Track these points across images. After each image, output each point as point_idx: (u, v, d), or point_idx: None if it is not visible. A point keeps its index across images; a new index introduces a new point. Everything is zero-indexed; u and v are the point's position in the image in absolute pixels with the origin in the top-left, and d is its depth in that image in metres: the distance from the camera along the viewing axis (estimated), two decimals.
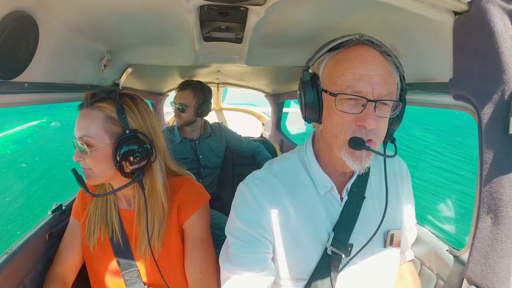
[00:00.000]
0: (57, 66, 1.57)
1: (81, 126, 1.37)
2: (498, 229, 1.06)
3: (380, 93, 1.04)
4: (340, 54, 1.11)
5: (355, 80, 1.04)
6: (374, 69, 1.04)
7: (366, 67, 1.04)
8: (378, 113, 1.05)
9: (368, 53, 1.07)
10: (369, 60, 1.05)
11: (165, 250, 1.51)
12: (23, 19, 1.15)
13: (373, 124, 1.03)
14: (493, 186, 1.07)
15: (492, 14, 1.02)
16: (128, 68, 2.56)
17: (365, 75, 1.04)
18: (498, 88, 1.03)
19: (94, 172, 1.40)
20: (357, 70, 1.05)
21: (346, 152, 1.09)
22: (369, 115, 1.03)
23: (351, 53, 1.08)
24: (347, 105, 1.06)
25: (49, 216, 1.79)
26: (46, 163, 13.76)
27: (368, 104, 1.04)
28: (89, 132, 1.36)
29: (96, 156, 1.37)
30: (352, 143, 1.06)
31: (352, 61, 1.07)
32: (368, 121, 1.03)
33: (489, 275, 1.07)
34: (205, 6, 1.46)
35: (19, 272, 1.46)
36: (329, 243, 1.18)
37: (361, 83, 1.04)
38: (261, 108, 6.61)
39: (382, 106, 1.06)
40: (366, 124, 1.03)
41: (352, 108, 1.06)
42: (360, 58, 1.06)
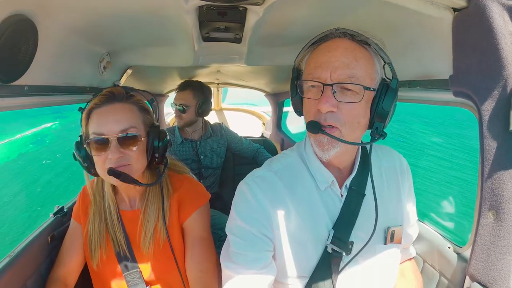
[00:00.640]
0: (57, 68, 1.57)
1: (123, 119, 1.38)
2: (500, 225, 1.06)
3: (339, 77, 1.05)
4: (316, 48, 1.15)
5: (316, 68, 1.09)
6: (334, 55, 1.07)
7: (327, 55, 1.08)
8: (340, 97, 1.06)
9: (334, 42, 1.10)
10: (331, 49, 1.09)
11: (167, 247, 1.51)
12: (22, 22, 1.15)
13: (325, 107, 1.05)
14: (494, 182, 1.07)
15: (491, 10, 1.02)
16: (128, 70, 2.55)
17: (325, 62, 1.07)
18: (498, 84, 1.02)
19: (133, 167, 1.39)
20: (319, 58, 1.09)
21: (312, 138, 1.14)
22: (323, 98, 1.06)
23: (322, 46, 1.12)
24: (311, 92, 1.11)
25: (51, 218, 1.79)
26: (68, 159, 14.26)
27: (326, 88, 1.06)
28: (133, 123, 1.39)
29: (140, 148, 1.40)
30: (308, 126, 1.10)
31: (318, 52, 1.12)
32: (320, 104, 1.05)
33: (491, 272, 1.07)
34: (204, 7, 1.46)
35: (22, 275, 1.46)
36: (329, 241, 1.18)
37: (320, 69, 1.07)
38: (261, 107, 6.60)
39: (345, 91, 1.07)
40: (320, 107, 1.06)
41: (315, 94, 1.10)
42: (325, 48, 1.10)
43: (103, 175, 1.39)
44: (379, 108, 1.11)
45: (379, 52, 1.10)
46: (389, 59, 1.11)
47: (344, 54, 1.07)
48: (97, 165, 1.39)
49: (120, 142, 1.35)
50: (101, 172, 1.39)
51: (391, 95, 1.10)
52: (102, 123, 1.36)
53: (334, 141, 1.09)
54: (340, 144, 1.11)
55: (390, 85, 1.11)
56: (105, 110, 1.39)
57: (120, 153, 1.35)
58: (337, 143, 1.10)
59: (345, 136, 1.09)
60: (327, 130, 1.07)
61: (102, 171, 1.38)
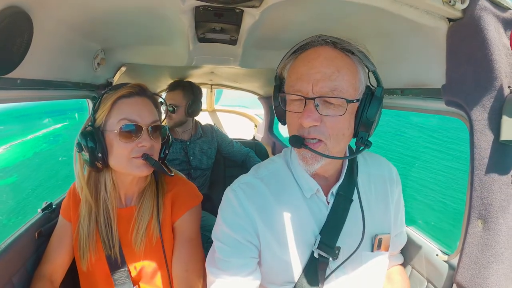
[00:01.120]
0: (51, 63, 1.56)
1: (150, 112, 1.44)
2: (488, 234, 1.07)
3: (321, 90, 1.03)
4: (298, 57, 1.13)
5: (297, 80, 1.07)
6: (315, 66, 1.05)
7: (307, 65, 1.06)
8: (323, 111, 1.05)
9: (315, 52, 1.09)
10: (311, 59, 1.07)
11: (158, 246, 1.50)
12: (18, 15, 1.14)
13: (308, 122, 1.04)
14: (483, 191, 1.08)
15: (486, 21, 1.03)
16: (122, 67, 2.54)
17: (305, 74, 1.06)
18: (490, 94, 1.04)
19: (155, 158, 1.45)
20: (300, 69, 1.08)
21: (295, 151, 1.14)
22: (305, 112, 1.04)
23: (303, 55, 1.11)
24: (294, 105, 1.10)
25: (38, 214, 1.77)
26: None
27: (308, 102, 1.04)
28: (158, 117, 1.47)
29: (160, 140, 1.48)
30: (292, 140, 1.09)
31: (298, 62, 1.10)
32: (302, 118, 1.04)
33: (478, 280, 1.08)
34: (201, 7, 1.45)
35: (8, 271, 1.44)
36: (315, 246, 1.18)
37: (300, 82, 1.06)
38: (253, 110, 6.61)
39: (328, 104, 1.05)
40: (302, 122, 1.05)
41: (298, 107, 1.09)
42: (305, 58, 1.09)
43: (125, 163, 1.40)
44: (364, 117, 1.10)
45: (363, 60, 1.08)
46: (373, 66, 1.09)
47: (325, 64, 1.05)
48: (121, 153, 1.39)
49: (151, 131, 1.41)
50: (122, 160, 1.40)
51: (375, 104, 1.09)
52: (135, 112, 1.40)
53: (318, 155, 1.08)
54: (324, 158, 1.10)
55: (375, 94, 1.10)
56: (138, 100, 1.44)
57: (152, 144, 1.41)
58: (321, 157, 1.10)
59: (330, 149, 1.09)
60: (311, 145, 1.07)
61: (125, 159, 1.40)
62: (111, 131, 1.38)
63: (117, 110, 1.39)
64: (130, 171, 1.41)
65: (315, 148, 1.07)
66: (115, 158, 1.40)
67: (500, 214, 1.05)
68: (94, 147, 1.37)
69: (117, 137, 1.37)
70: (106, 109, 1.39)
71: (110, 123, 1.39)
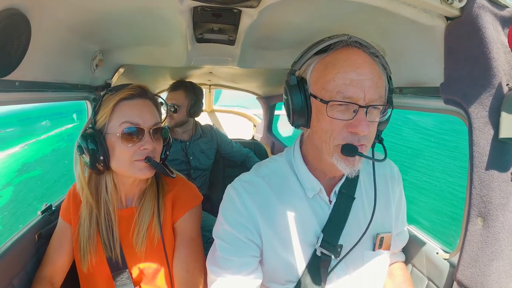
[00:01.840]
0: (49, 65, 1.56)
1: (151, 114, 1.44)
2: (487, 232, 1.07)
3: (371, 98, 1.02)
4: (329, 57, 1.08)
5: (346, 86, 1.01)
6: (365, 73, 1.02)
7: (356, 71, 1.02)
8: (369, 117, 1.03)
9: (357, 56, 1.05)
10: (359, 64, 1.03)
11: (159, 246, 1.50)
12: (15, 17, 1.14)
13: (366, 131, 1.01)
14: (483, 189, 1.08)
15: (483, 20, 1.03)
16: (120, 68, 2.54)
17: (356, 80, 1.01)
18: (489, 92, 1.04)
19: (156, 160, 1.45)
20: (348, 74, 1.02)
21: (338, 157, 1.07)
22: (362, 121, 1.01)
23: (340, 56, 1.06)
24: (337, 111, 1.04)
25: (38, 216, 1.77)
26: None
27: (360, 110, 1.02)
28: (159, 119, 1.47)
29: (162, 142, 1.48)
30: (344, 150, 1.04)
31: (342, 65, 1.04)
32: (360, 127, 1.01)
33: (479, 278, 1.08)
34: (198, 8, 1.45)
35: (8, 273, 1.44)
36: (318, 244, 1.18)
37: (353, 88, 1.01)
38: (252, 110, 6.61)
39: (372, 110, 1.05)
40: (359, 131, 1.01)
41: (343, 114, 1.04)
42: (350, 61, 1.04)
43: (127, 166, 1.40)
44: (382, 117, 1.11)
45: (386, 65, 1.10)
46: (390, 70, 1.11)
47: (372, 71, 1.03)
48: (123, 156, 1.39)
49: (153, 134, 1.41)
50: (125, 163, 1.40)
51: (392, 106, 1.12)
52: (137, 114, 1.40)
53: (362, 158, 1.07)
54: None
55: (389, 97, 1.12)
56: (140, 102, 1.43)
57: (154, 146, 1.41)
58: (362, 159, 1.08)
59: (367, 150, 1.10)
60: (361, 150, 1.06)
61: (127, 162, 1.39)
62: (113, 134, 1.37)
63: (119, 113, 1.38)
64: (132, 173, 1.41)
65: (362, 152, 1.06)
66: (117, 161, 1.40)
67: (500, 212, 1.05)
68: (96, 150, 1.36)
69: (119, 140, 1.36)
70: (107, 111, 1.38)
71: (111, 125, 1.38)
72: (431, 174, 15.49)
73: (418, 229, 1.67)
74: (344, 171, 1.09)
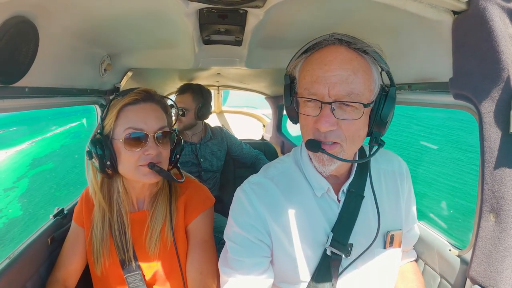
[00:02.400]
0: (58, 70, 1.58)
1: (160, 117, 1.44)
2: (500, 227, 1.05)
3: (338, 94, 1.01)
4: (310, 57, 1.10)
5: (312, 83, 1.04)
6: (332, 69, 1.02)
7: (323, 68, 1.03)
8: (339, 115, 1.03)
9: (330, 53, 1.05)
10: (328, 61, 1.04)
11: (172, 249, 1.51)
12: (23, 24, 1.16)
13: (325, 127, 1.02)
14: (495, 184, 1.07)
15: (491, 13, 1.02)
16: (128, 72, 2.56)
17: (321, 77, 1.03)
18: (498, 86, 1.03)
19: (163, 166, 1.44)
20: (315, 72, 1.05)
21: (310, 153, 1.13)
22: (322, 117, 1.03)
23: (318, 55, 1.08)
24: (308, 107, 1.07)
25: (51, 220, 1.79)
26: None
27: (324, 106, 1.03)
28: (166, 123, 1.45)
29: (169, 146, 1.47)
30: (308, 145, 1.07)
31: (313, 63, 1.07)
32: (319, 123, 1.03)
33: (492, 274, 1.07)
34: (204, 9, 1.46)
35: (21, 277, 1.46)
36: (328, 243, 1.18)
37: (317, 85, 1.03)
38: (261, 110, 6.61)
39: (344, 107, 1.04)
40: (319, 127, 1.03)
41: (312, 110, 1.06)
42: (321, 59, 1.05)
43: (132, 171, 1.41)
44: (378, 118, 1.09)
45: (378, 60, 1.07)
46: (387, 66, 1.08)
47: (342, 66, 1.02)
48: (128, 161, 1.40)
49: (158, 139, 1.40)
50: (130, 168, 1.41)
51: (389, 104, 1.08)
52: (141, 119, 1.40)
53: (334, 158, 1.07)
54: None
55: (389, 94, 1.08)
56: (145, 107, 1.43)
57: (158, 151, 1.40)
58: (334, 159, 1.09)
59: (346, 150, 1.08)
60: (327, 147, 1.06)
61: (132, 167, 1.40)
62: (118, 140, 1.38)
63: (123, 118, 1.40)
64: (138, 178, 1.42)
65: (331, 151, 1.06)
66: (123, 166, 1.41)
67: None
68: (103, 155, 1.38)
69: (123, 146, 1.37)
70: (112, 117, 1.40)
71: (117, 131, 1.40)
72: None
73: (430, 226, 1.65)
74: (319, 169, 1.14)
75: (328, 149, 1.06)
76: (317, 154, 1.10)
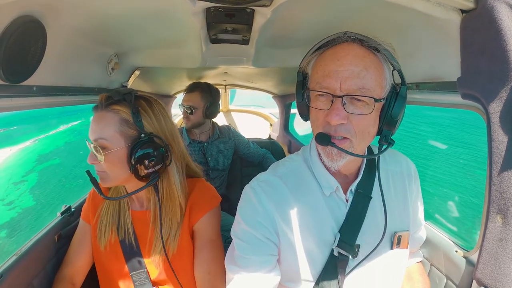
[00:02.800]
0: (65, 69, 1.59)
1: (96, 129, 1.37)
2: (508, 229, 1.04)
3: (349, 88, 1.02)
4: (323, 54, 1.11)
5: (324, 77, 1.05)
6: (344, 64, 1.03)
7: (335, 63, 1.04)
8: (350, 109, 1.03)
9: (343, 49, 1.06)
10: (341, 56, 1.04)
11: (178, 251, 1.51)
12: (31, 23, 1.17)
13: (336, 120, 1.02)
14: (502, 186, 1.06)
15: (499, 11, 1.01)
16: (135, 71, 2.57)
17: (334, 71, 1.03)
18: (507, 86, 1.02)
19: (108, 175, 1.41)
20: (327, 66, 1.05)
21: (320, 148, 1.12)
22: (333, 110, 1.03)
23: (331, 51, 1.08)
24: (319, 101, 1.07)
25: (58, 218, 1.80)
26: None
27: (336, 100, 1.03)
28: (104, 134, 1.36)
29: (110, 159, 1.37)
30: (318, 138, 1.07)
31: (326, 58, 1.08)
32: (330, 116, 1.03)
33: (499, 276, 1.06)
34: (212, 8, 1.46)
35: (28, 273, 1.47)
36: (335, 244, 1.17)
37: (328, 79, 1.04)
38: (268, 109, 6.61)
39: (355, 102, 1.04)
40: (329, 120, 1.03)
41: (324, 104, 1.06)
42: (334, 55, 1.06)
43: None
44: (388, 116, 1.09)
45: (389, 58, 1.07)
46: (399, 65, 1.08)
47: (354, 62, 1.03)
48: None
49: (93, 149, 1.37)
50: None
51: (400, 103, 1.08)
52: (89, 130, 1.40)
53: (344, 152, 1.07)
54: (348, 155, 1.09)
55: (400, 93, 1.08)
56: (94, 116, 1.41)
57: (94, 160, 1.39)
58: (346, 154, 1.08)
59: (355, 146, 1.08)
60: (337, 142, 1.06)
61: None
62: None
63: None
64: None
65: (341, 145, 1.06)
66: None
67: None
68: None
69: None
70: None
71: None
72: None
73: (437, 227, 1.64)
74: (327, 164, 1.14)
75: (338, 144, 1.06)
76: (326, 148, 1.09)
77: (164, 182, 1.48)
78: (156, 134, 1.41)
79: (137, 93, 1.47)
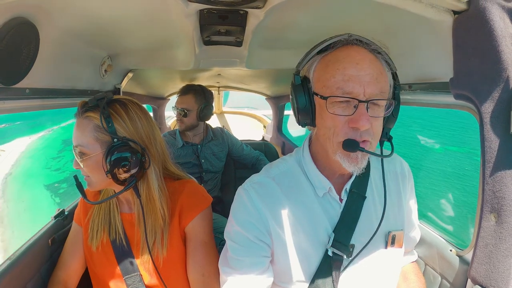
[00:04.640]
0: (58, 71, 1.58)
1: (75, 136, 1.39)
2: (501, 228, 1.05)
3: (372, 92, 1.02)
4: (330, 56, 1.09)
5: (345, 81, 1.03)
6: (364, 68, 1.03)
7: (356, 67, 1.03)
8: (371, 113, 1.03)
9: (357, 52, 1.06)
10: (359, 60, 1.04)
11: (168, 255, 1.49)
12: (24, 26, 1.16)
13: (366, 125, 1.02)
14: (495, 185, 1.06)
15: (491, 12, 1.02)
16: (129, 73, 2.56)
17: (355, 76, 1.02)
18: (499, 86, 1.03)
19: (91, 180, 1.41)
20: (347, 70, 1.03)
21: (341, 154, 1.08)
22: (362, 116, 1.02)
23: (340, 54, 1.07)
24: (338, 107, 1.05)
25: (51, 221, 1.79)
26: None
27: (360, 105, 1.02)
28: (82, 141, 1.36)
29: (90, 165, 1.37)
30: (346, 145, 1.04)
31: (341, 62, 1.05)
32: (361, 122, 1.01)
33: (493, 275, 1.07)
34: (205, 10, 1.46)
35: (22, 278, 1.46)
36: (329, 244, 1.17)
37: (352, 83, 1.02)
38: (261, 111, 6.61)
39: (374, 106, 1.05)
40: (359, 126, 1.02)
41: (344, 110, 1.05)
42: (349, 58, 1.05)
43: None
44: (390, 116, 1.12)
45: (389, 61, 1.09)
46: (395, 67, 1.11)
47: (371, 67, 1.04)
48: None
49: (76, 156, 1.39)
50: None
51: (398, 102, 1.12)
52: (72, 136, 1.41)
53: (367, 154, 1.08)
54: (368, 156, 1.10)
55: (397, 92, 1.12)
56: (76, 122, 1.42)
57: (77, 165, 1.40)
58: (367, 156, 1.09)
59: (372, 147, 1.09)
60: (364, 146, 1.06)
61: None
62: None
63: None
64: None
65: (366, 149, 1.06)
66: None
67: None
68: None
69: None
70: None
71: None
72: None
73: (431, 226, 1.65)
74: (349, 169, 1.10)
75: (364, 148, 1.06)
76: (351, 154, 1.07)
77: (143, 186, 1.46)
78: (130, 138, 1.38)
79: (112, 98, 1.44)
